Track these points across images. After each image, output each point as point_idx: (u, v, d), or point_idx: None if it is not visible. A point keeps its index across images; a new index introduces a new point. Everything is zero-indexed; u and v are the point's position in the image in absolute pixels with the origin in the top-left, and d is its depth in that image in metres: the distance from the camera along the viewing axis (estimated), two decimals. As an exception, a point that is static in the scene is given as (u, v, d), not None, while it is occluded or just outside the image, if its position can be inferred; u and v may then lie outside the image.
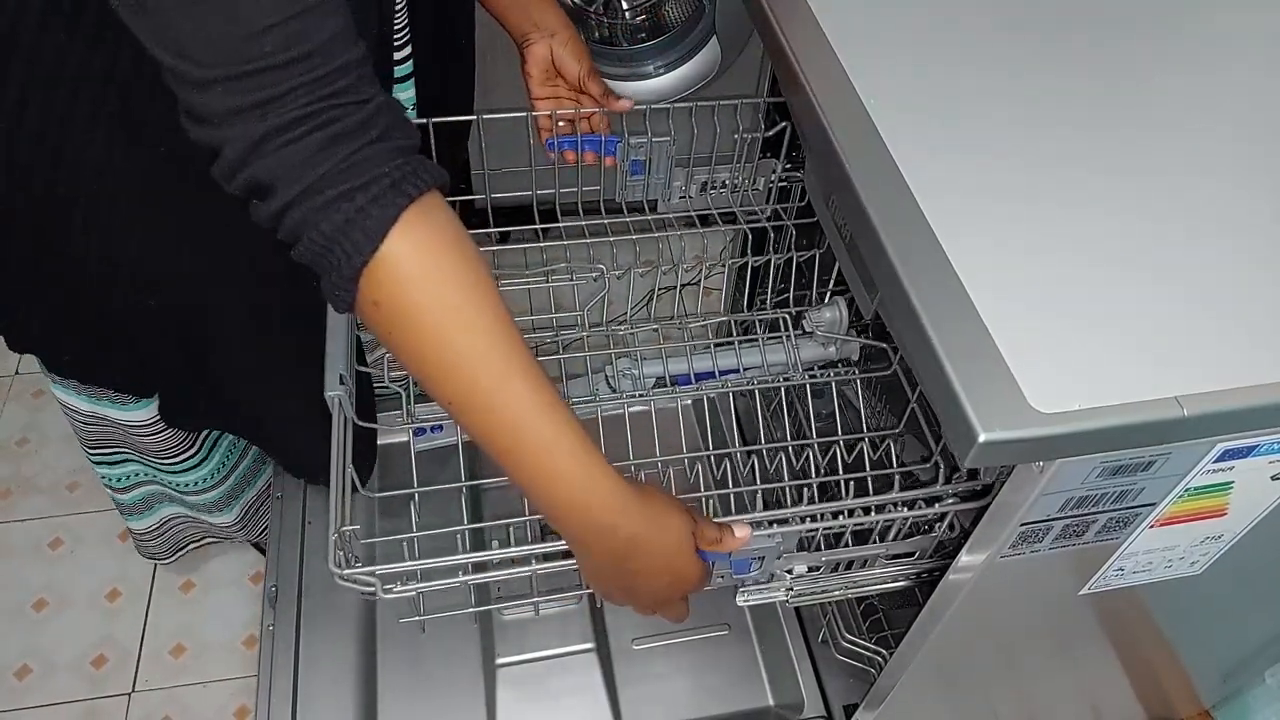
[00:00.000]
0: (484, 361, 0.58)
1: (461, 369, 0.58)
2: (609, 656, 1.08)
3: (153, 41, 0.51)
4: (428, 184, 0.56)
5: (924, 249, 0.62)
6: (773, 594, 0.80)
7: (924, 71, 0.76)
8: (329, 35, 0.52)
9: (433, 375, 0.59)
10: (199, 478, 1.15)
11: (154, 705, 1.32)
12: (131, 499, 1.20)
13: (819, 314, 0.96)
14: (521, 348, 0.59)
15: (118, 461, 1.13)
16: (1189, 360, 0.58)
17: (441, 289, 0.57)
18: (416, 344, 0.58)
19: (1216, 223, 0.66)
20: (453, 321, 0.57)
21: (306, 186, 0.53)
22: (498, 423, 0.60)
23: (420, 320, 0.57)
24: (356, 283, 0.55)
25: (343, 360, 0.73)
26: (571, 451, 0.61)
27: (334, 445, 0.69)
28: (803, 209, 1.00)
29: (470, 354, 0.58)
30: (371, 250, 0.54)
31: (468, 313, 0.57)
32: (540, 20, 0.90)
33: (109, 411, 1.02)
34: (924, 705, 0.98)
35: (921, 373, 0.60)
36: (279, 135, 0.52)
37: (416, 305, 0.56)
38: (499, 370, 0.58)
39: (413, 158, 0.57)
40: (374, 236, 0.54)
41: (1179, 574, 0.78)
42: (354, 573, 0.66)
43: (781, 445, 0.90)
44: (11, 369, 1.68)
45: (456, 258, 0.57)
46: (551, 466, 0.61)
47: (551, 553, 0.70)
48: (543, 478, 0.61)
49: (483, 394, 0.59)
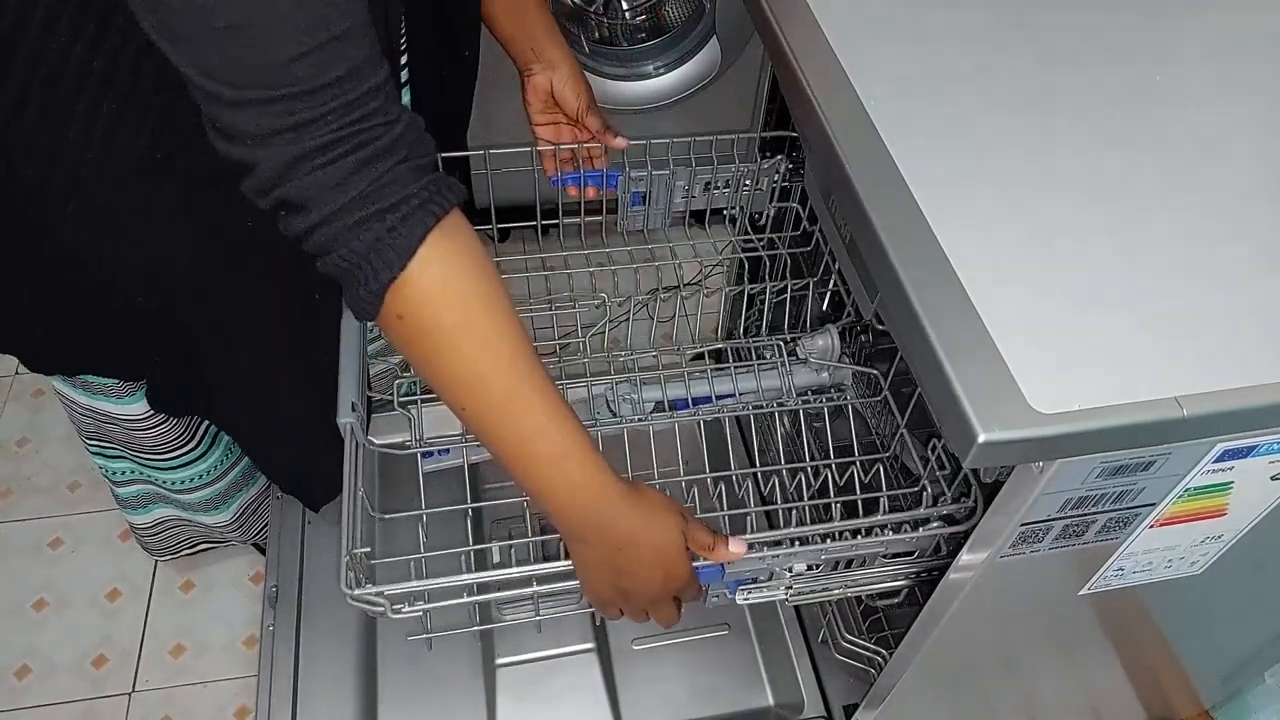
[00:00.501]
0: (500, 374, 0.62)
1: (478, 381, 0.62)
2: (609, 657, 1.08)
3: (184, 64, 0.53)
4: (451, 203, 0.60)
5: (924, 249, 0.62)
6: (772, 593, 0.81)
7: (924, 71, 0.76)
8: (359, 60, 0.54)
9: (450, 385, 0.62)
10: (193, 474, 1.15)
11: (154, 705, 1.32)
12: (128, 493, 1.21)
13: (812, 341, 0.99)
14: (533, 360, 0.63)
15: (113, 456, 1.13)
16: (1189, 360, 0.58)
17: (463, 305, 0.60)
18: (436, 356, 0.61)
19: (1217, 223, 0.66)
20: (473, 336, 0.61)
21: (339, 207, 0.56)
22: (511, 430, 0.64)
23: (442, 335, 0.60)
24: (383, 297, 0.59)
25: (354, 388, 0.76)
26: (578, 457, 0.65)
27: (346, 470, 0.72)
28: (796, 238, 1.01)
29: (487, 367, 0.62)
30: (401, 268, 0.58)
31: (487, 327, 0.61)
32: (542, 53, 0.90)
33: (105, 406, 1.02)
34: (924, 705, 0.98)
35: (921, 373, 0.60)
36: (313, 158, 0.55)
37: (439, 320, 0.60)
38: (513, 382, 0.62)
39: (437, 177, 0.60)
40: (404, 254, 0.58)
41: (1179, 574, 0.78)
42: (364, 593, 0.69)
43: (775, 469, 0.93)
44: (12, 369, 1.68)
45: (478, 276, 0.61)
46: (558, 471, 0.65)
47: (552, 574, 0.73)
48: (548, 481, 0.65)
49: (498, 403, 0.63)
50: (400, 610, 0.72)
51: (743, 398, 0.97)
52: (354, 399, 0.75)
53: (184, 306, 0.88)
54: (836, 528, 0.77)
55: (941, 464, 0.80)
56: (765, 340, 1.04)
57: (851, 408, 0.98)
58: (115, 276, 0.83)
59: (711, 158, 0.95)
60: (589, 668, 1.07)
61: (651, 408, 0.97)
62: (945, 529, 0.77)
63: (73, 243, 0.79)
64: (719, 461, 1.10)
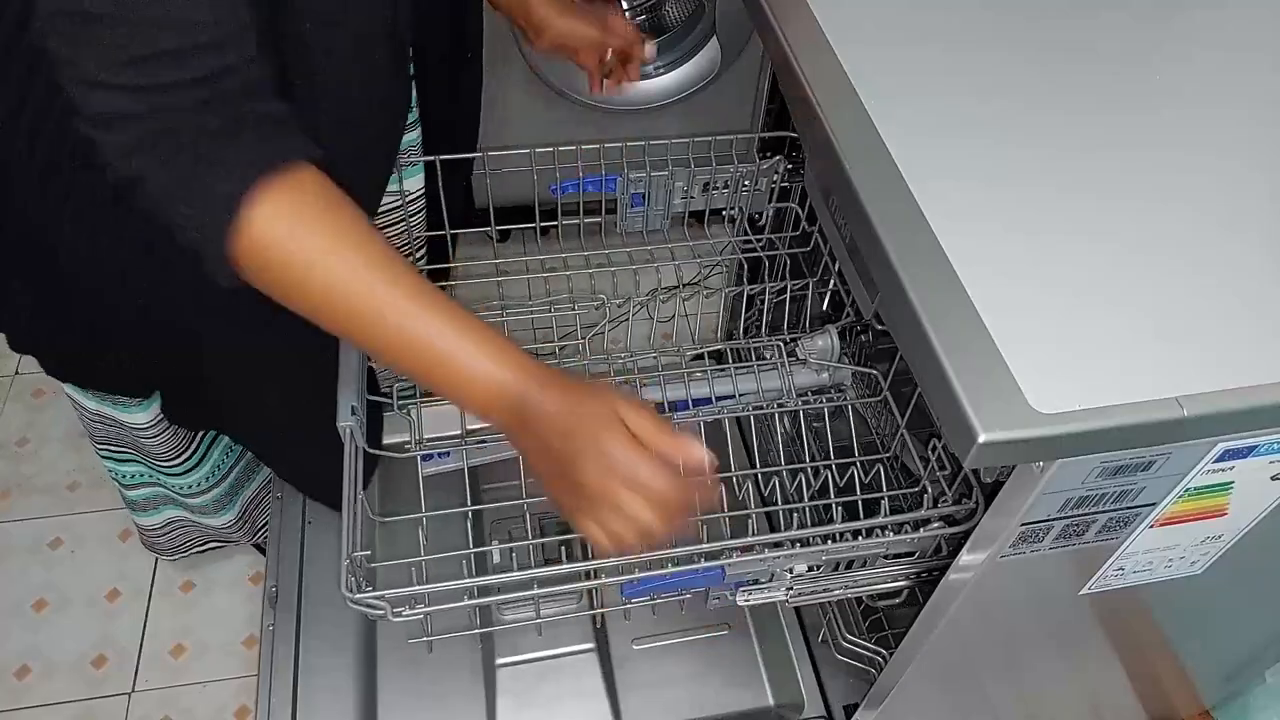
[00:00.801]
0: (373, 295, 0.61)
1: (355, 306, 0.61)
2: (609, 657, 1.08)
3: (42, 40, 0.54)
4: (291, 157, 0.60)
5: (924, 250, 0.62)
6: (773, 594, 0.81)
7: (924, 71, 0.76)
8: (226, 61, 0.56)
9: (331, 319, 0.62)
10: (197, 479, 1.15)
11: (154, 705, 1.32)
12: (138, 496, 1.20)
13: (811, 342, 0.99)
14: (409, 275, 0.62)
15: (124, 460, 1.13)
16: (1189, 360, 0.58)
17: (312, 239, 0.60)
18: (303, 296, 0.61)
19: (1217, 223, 0.66)
20: (333, 267, 0.60)
21: (178, 176, 0.57)
22: (406, 346, 0.63)
23: (300, 273, 0.60)
24: (229, 255, 0.59)
25: (354, 391, 0.76)
26: (483, 353, 0.63)
27: (345, 474, 0.72)
28: (795, 238, 1.01)
29: (357, 290, 0.61)
30: (236, 220, 0.58)
31: (345, 254, 0.61)
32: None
33: (114, 412, 1.02)
34: (924, 705, 0.98)
35: (921, 373, 0.59)
36: (161, 139, 0.56)
37: (291, 260, 0.60)
38: (388, 299, 0.61)
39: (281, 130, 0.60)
40: (239, 205, 0.58)
41: (1179, 574, 0.78)
42: (364, 597, 0.69)
43: (775, 470, 0.93)
44: (11, 369, 1.68)
45: (320, 209, 0.61)
46: (461, 370, 0.63)
47: (552, 576, 0.73)
48: (455, 382, 0.64)
49: (371, 320, 0.62)
50: (401, 613, 0.72)
51: (743, 398, 0.97)
52: (353, 402, 0.76)
53: (184, 315, 0.88)
54: (837, 529, 0.77)
55: (942, 464, 0.80)
56: (765, 341, 1.04)
57: (851, 408, 0.98)
58: (113, 283, 0.83)
59: (710, 158, 0.94)
60: (589, 668, 1.07)
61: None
62: (946, 529, 0.77)
63: (71, 253, 0.80)
64: (719, 462, 1.10)
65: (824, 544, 0.76)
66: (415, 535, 0.81)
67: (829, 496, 0.89)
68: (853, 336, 0.99)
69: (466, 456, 0.89)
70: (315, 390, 0.82)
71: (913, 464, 0.87)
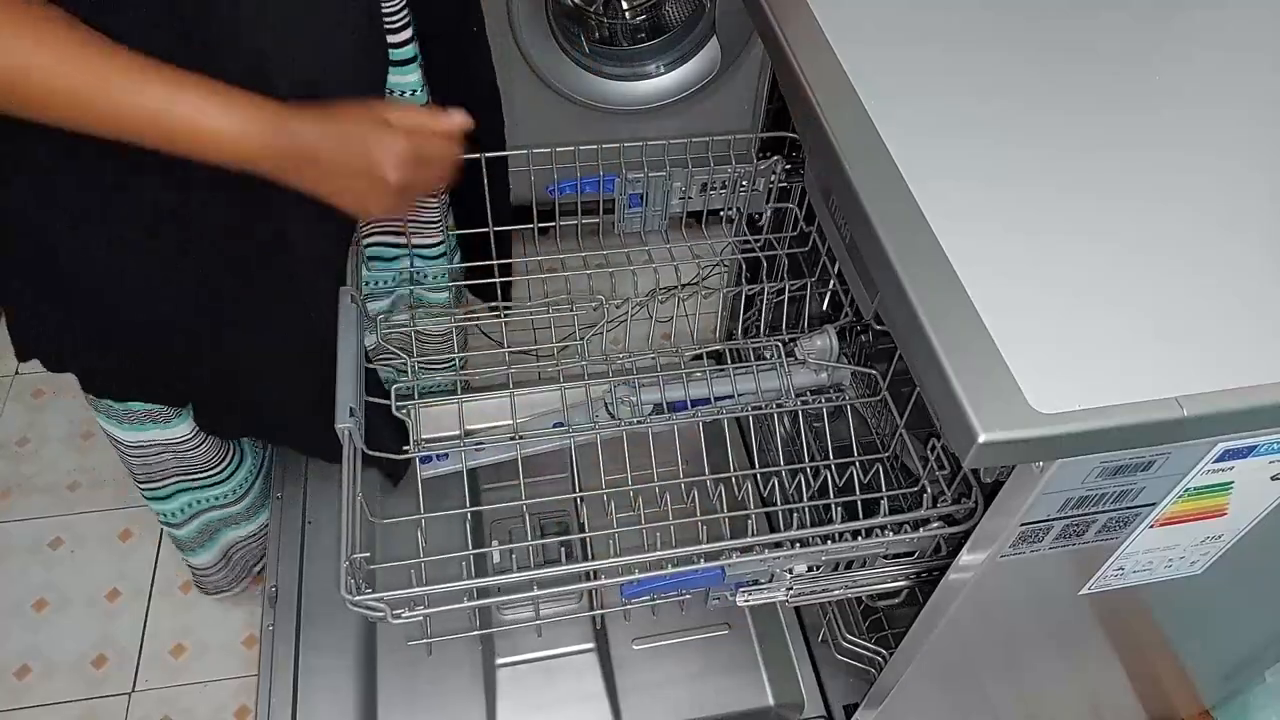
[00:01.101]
0: (92, 70, 0.61)
1: (76, 97, 0.61)
2: (609, 657, 1.08)
3: None
4: None
5: (923, 250, 0.62)
6: (773, 595, 0.81)
7: (924, 71, 0.76)
8: None
9: (49, 109, 0.61)
10: (240, 481, 1.14)
11: (154, 705, 1.32)
12: (188, 533, 1.17)
13: (810, 342, 0.99)
14: (118, 55, 0.61)
15: (169, 495, 1.11)
16: (1189, 360, 0.58)
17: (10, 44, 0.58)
18: (24, 98, 0.60)
19: (1217, 223, 0.66)
20: (44, 57, 0.59)
21: None
22: (143, 120, 0.62)
23: (19, 63, 0.59)
24: None
25: (352, 393, 0.76)
26: (219, 109, 0.64)
27: (344, 476, 0.72)
28: (794, 239, 1.01)
29: (74, 81, 0.60)
30: None
31: (57, 45, 0.59)
32: None
33: (153, 434, 1.01)
34: (924, 705, 0.98)
35: (921, 373, 0.60)
36: None
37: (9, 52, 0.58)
38: (105, 82, 0.61)
39: None
40: None
41: (1179, 574, 0.78)
42: (364, 599, 0.69)
43: (774, 470, 0.93)
44: (12, 369, 1.68)
45: (38, 15, 0.59)
46: (202, 130, 0.64)
47: (552, 577, 0.74)
48: (199, 143, 0.64)
49: (111, 105, 0.61)
50: (400, 615, 0.72)
51: (742, 399, 0.97)
52: (352, 404, 0.75)
53: (195, 316, 0.88)
54: (837, 529, 0.77)
55: (941, 464, 0.80)
56: (764, 341, 1.04)
57: (851, 408, 0.98)
58: (129, 294, 0.84)
59: (709, 159, 0.94)
60: (589, 668, 1.07)
61: (650, 410, 0.97)
62: (945, 529, 0.77)
63: (87, 266, 0.80)
64: (718, 463, 1.10)
65: (823, 544, 0.76)
66: (414, 537, 0.81)
67: (828, 496, 0.89)
68: (852, 336, 0.99)
69: (465, 458, 0.89)
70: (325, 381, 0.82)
71: (912, 464, 0.87)
